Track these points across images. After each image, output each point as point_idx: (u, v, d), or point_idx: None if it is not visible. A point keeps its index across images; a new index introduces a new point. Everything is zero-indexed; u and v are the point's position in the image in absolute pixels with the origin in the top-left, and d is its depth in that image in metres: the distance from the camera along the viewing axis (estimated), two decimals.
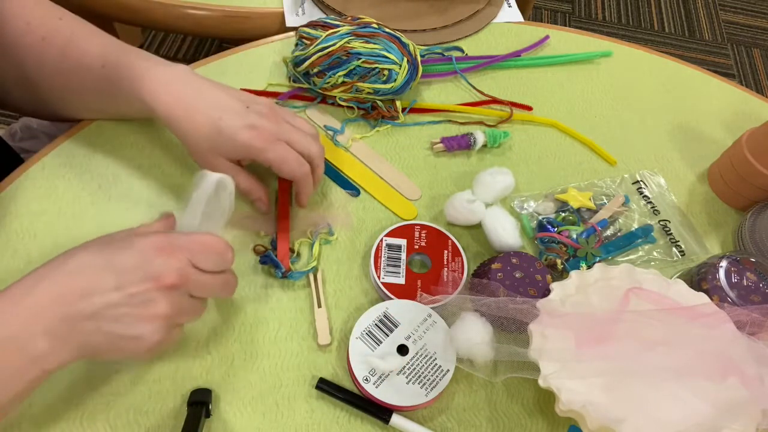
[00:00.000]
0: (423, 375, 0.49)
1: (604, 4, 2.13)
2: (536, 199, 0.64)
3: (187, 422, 0.46)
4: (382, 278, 0.55)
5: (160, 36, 1.80)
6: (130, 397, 0.48)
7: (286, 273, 0.54)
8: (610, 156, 0.69)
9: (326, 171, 0.63)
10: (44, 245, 0.55)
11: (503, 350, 0.48)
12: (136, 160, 0.61)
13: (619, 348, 0.45)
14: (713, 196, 0.68)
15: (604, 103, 0.74)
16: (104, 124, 0.63)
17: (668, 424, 0.43)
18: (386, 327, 0.51)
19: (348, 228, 0.59)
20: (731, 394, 0.44)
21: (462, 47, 0.76)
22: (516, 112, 0.71)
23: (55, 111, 0.61)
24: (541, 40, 0.78)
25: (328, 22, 0.66)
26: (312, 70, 0.65)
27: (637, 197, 0.66)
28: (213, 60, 0.71)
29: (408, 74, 0.66)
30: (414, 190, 0.63)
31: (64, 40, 0.54)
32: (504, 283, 0.52)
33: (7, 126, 1.05)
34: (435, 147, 0.67)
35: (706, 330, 0.46)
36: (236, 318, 0.53)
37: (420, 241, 0.57)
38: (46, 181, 0.59)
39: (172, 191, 0.60)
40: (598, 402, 0.44)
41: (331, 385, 0.50)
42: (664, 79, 0.78)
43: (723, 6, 2.21)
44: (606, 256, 0.60)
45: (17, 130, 0.78)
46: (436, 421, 0.50)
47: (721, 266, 0.55)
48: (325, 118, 0.68)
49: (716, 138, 0.73)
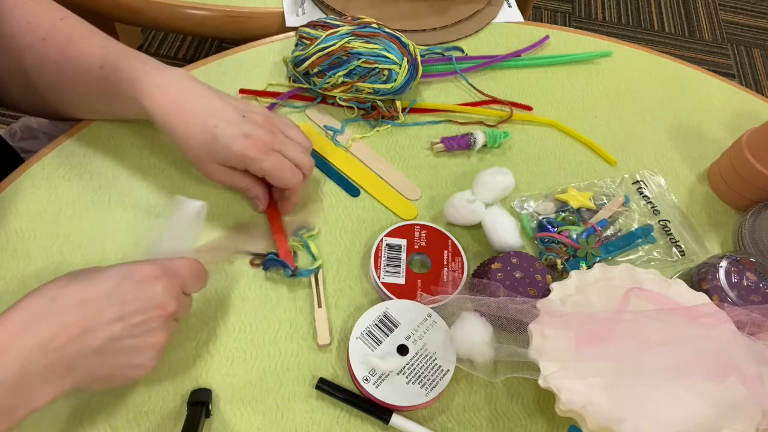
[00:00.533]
0: (423, 375, 0.49)
1: (604, 4, 2.13)
2: (536, 199, 0.64)
3: (187, 422, 0.46)
4: (382, 278, 0.55)
5: (160, 36, 1.80)
6: (130, 397, 0.48)
7: (296, 271, 0.54)
8: (610, 156, 0.69)
9: (326, 171, 0.64)
10: (44, 245, 0.55)
11: (503, 350, 0.48)
12: (136, 160, 0.61)
13: (619, 348, 0.45)
14: (713, 196, 0.68)
15: (604, 103, 0.74)
16: (104, 125, 0.63)
17: (668, 424, 0.43)
18: (386, 327, 0.51)
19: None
20: (731, 394, 0.44)
21: (462, 47, 0.76)
22: (516, 112, 0.71)
23: (54, 110, 0.61)
24: (541, 40, 0.78)
25: (328, 22, 0.66)
26: (312, 70, 0.65)
27: (637, 197, 0.66)
28: (213, 60, 0.71)
29: (408, 74, 0.66)
30: (414, 190, 0.63)
31: (64, 41, 0.54)
32: (504, 283, 0.52)
33: (7, 126, 1.05)
34: (435, 147, 0.67)
35: (706, 330, 0.46)
36: (236, 318, 0.53)
37: (420, 241, 0.57)
38: (46, 181, 0.59)
39: (172, 192, 0.60)
40: (598, 402, 0.44)
41: (331, 385, 0.50)
42: (664, 79, 0.78)
43: (723, 6, 2.21)
44: (606, 256, 0.60)
45: (17, 130, 0.78)
46: (436, 421, 0.50)
47: (721, 266, 0.55)
48: (325, 118, 0.68)
49: (716, 138, 0.73)
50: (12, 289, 0.52)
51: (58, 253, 0.54)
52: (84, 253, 0.55)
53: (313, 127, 0.67)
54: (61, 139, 0.61)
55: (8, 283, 0.52)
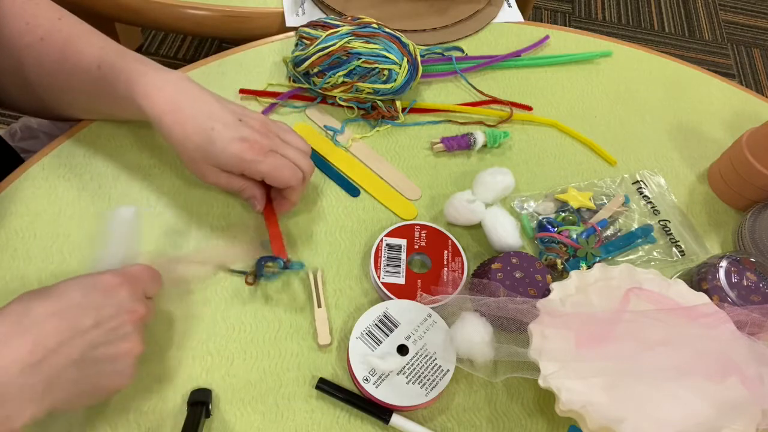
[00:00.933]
0: (423, 375, 0.49)
1: (604, 4, 2.13)
2: (536, 199, 0.64)
3: (187, 422, 0.46)
4: (382, 278, 0.55)
5: (160, 36, 1.80)
6: (130, 397, 0.48)
7: (288, 263, 0.53)
8: (610, 156, 0.69)
9: (326, 171, 0.64)
10: (44, 245, 0.55)
11: (503, 350, 0.48)
12: (136, 160, 0.61)
13: (619, 348, 0.45)
14: (713, 196, 0.68)
15: (604, 103, 0.74)
16: (104, 125, 0.63)
17: (668, 424, 0.43)
18: (386, 327, 0.51)
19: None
20: (731, 394, 0.44)
21: (462, 47, 0.76)
22: (516, 112, 0.71)
23: (53, 110, 0.61)
24: (541, 40, 0.78)
25: (328, 22, 0.66)
26: (312, 70, 0.65)
27: (637, 197, 0.66)
28: (213, 60, 0.71)
29: (408, 74, 0.66)
30: (414, 190, 0.63)
31: (63, 41, 0.54)
32: (504, 283, 0.52)
33: (7, 126, 1.05)
34: (435, 147, 0.67)
35: (706, 330, 0.46)
36: (236, 318, 0.53)
37: (420, 241, 0.57)
38: (46, 181, 0.59)
39: (171, 192, 0.60)
40: (598, 402, 0.44)
41: (331, 385, 0.50)
42: (664, 79, 0.78)
43: (723, 6, 2.21)
44: (606, 256, 0.60)
45: (17, 130, 0.78)
46: (436, 421, 0.50)
47: (721, 266, 0.55)
48: (325, 118, 0.68)
49: (716, 138, 0.73)
50: (12, 289, 0.52)
51: (58, 253, 0.54)
52: (84, 253, 0.55)
53: (313, 127, 0.67)
54: (61, 139, 0.61)
55: (8, 284, 0.52)
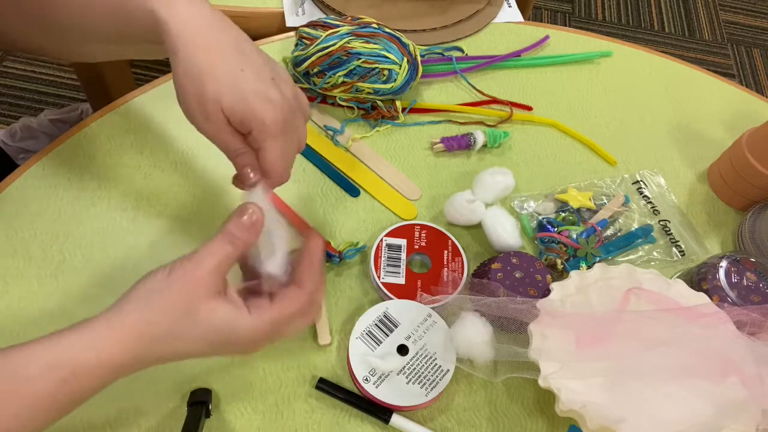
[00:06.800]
0: (423, 375, 0.49)
1: (604, 4, 2.13)
2: (536, 199, 0.64)
3: (187, 422, 0.46)
4: (382, 278, 0.55)
5: None
6: (130, 397, 0.48)
7: (341, 255, 0.55)
8: (610, 156, 0.69)
9: (326, 171, 0.64)
10: (44, 245, 0.55)
11: (503, 350, 0.48)
12: (136, 160, 0.61)
13: (619, 348, 0.45)
14: (713, 196, 0.68)
15: (604, 103, 0.74)
16: (104, 125, 0.63)
17: (668, 424, 0.43)
18: (386, 327, 0.51)
19: None
20: (731, 394, 0.44)
21: (462, 47, 0.76)
22: (516, 112, 0.71)
23: (59, 42, 0.53)
24: (541, 40, 0.78)
25: (328, 22, 0.66)
26: (312, 70, 0.65)
27: (637, 197, 0.66)
28: None
29: (408, 74, 0.65)
30: (414, 190, 0.63)
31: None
32: (504, 283, 0.52)
33: (7, 126, 1.05)
34: (435, 147, 0.67)
35: (706, 330, 0.46)
36: None
37: (420, 241, 0.57)
38: (46, 181, 0.59)
39: (172, 192, 0.60)
40: (598, 402, 0.44)
41: (331, 385, 0.50)
42: (664, 79, 0.78)
43: (723, 6, 2.21)
44: (606, 256, 0.60)
45: (17, 130, 0.78)
46: (436, 421, 0.50)
47: (721, 266, 0.55)
48: (325, 118, 0.68)
49: (716, 138, 0.73)
50: (12, 289, 0.52)
51: (58, 253, 0.54)
52: (84, 253, 0.55)
53: (313, 127, 0.67)
54: (61, 139, 0.62)
55: (8, 284, 0.52)
